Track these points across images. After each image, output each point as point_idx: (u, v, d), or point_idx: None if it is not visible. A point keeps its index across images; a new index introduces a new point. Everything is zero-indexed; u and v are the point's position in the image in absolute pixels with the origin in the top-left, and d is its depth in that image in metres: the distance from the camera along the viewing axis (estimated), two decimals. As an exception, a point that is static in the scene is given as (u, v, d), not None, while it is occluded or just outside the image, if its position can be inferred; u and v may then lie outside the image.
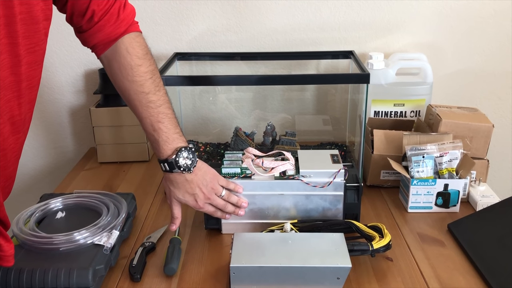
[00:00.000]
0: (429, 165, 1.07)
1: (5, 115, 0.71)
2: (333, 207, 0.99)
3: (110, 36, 0.88)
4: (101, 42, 0.89)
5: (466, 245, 0.94)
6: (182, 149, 0.90)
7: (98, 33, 0.87)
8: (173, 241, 0.96)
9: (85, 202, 1.03)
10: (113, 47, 0.89)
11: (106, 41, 0.88)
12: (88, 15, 0.85)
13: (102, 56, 0.90)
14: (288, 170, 0.98)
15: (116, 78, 0.90)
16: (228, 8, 1.41)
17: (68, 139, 1.57)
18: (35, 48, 0.73)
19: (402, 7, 1.41)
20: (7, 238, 0.76)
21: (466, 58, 1.47)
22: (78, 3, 0.83)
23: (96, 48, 0.90)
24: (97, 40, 0.88)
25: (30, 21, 0.70)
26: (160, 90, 0.92)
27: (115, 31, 0.88)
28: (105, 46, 0.89)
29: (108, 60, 0.90)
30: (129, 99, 0.91)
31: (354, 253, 0.88)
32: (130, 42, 0.89)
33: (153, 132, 0.90)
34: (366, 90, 1.10)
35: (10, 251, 0.76)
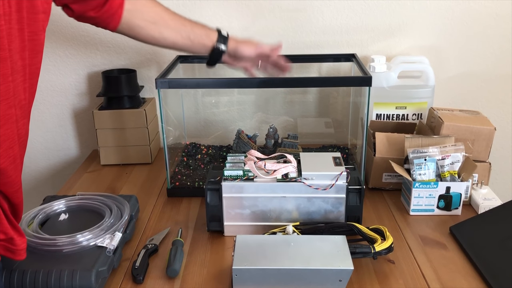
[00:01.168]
0: (431, 168, 1.07)
1: (16, 98, 0.74)
2: (335, 209, 0.99)
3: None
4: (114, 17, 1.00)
5: (468, 248, 0.94)
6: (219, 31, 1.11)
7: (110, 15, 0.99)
8: (176, 243, 0.96)
9: (88, 204, 1.04)
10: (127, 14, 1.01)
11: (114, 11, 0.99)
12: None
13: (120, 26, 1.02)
14: (290, 173, 0.98)
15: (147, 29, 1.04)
16: (231, 12, 1.42)
17: (71, 141, 1.57)
18: (34, 37, 0.76)
19: (404, 10, 1.42)
20: (20, 232, 0.77)
21: (468, 61, 1.47)
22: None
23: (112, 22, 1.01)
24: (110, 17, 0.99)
25: (32, 10, 0.75)
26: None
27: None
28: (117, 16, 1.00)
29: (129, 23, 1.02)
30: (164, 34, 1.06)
31: (356, 256, 0.88)
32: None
33: (196, 38, 1.08)
34: (368, 93, 1.11)
35: (23, 245, 0.77)
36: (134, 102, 1.40)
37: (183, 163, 1.32)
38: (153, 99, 1.47)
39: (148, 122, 1.38)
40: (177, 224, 1.07)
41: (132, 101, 1.40)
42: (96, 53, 1.47)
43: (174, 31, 1.05)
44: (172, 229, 1.05)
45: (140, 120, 1.37)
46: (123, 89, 1.38)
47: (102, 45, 1.46)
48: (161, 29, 1.04)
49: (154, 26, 1.04)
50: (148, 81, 1.49)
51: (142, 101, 1.43)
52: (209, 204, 1.00)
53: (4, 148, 0.72)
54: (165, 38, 1.06)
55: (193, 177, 1.24)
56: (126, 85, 1.38)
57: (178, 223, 1.08)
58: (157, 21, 1.04)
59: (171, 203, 1.18)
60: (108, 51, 1.46)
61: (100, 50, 1.46)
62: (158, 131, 1.50)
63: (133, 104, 1.39)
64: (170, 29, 1.05)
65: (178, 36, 1.06)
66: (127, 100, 1.39)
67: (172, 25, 1.05)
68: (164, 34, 1.05)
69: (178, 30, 1.06)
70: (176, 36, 1.06)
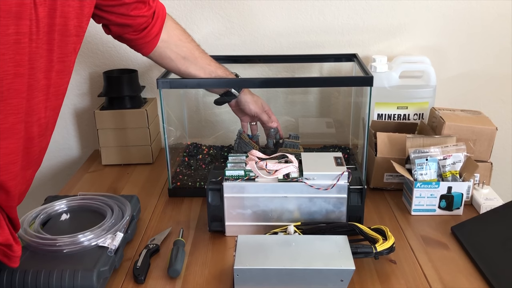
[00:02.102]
0: (433, 168, 1.07)
1: (35, 115, 0.76)
2: (336, 209, 0.99)
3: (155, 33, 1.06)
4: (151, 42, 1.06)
5: (469, 248, 0.94)
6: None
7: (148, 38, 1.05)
8: (177, 243, 0.96)
9: (90, 204, 1.04)
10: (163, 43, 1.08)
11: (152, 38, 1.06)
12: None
13: (152, 53, 1.08)
14: (291, 173, 0.98)
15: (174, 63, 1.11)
16: (232, 12, 1.42)
17: (72, 141, 1.57)
18: (64, 59, 0.79)
19: (406, 10, 1.42)
20: (17, 240, 0.79)
21: (469, 61, 1.47)
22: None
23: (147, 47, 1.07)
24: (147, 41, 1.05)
25: (65, 33, 0.77)
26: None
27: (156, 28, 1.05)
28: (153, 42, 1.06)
29: (160, 53, 1.09)
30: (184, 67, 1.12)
31: (358, 256, 0.88)
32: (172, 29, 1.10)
33: (220, 76, 1.15)
34: (369, 93, 1.11)
35: (18, 252, 0.79)
36: (135, 102, 1.40)
37: (184, 163, 1.32)
38: (155, 99, 1.47)
39: (149, 122, 1.38)
40: (179, 224, 1.07)
41: (133, 101, 1.40)
42: (97, 53, 1.47)
43: (200, 68, 1.12)
44: (174, 229, 1.05)
45: (141, 120, 1.37)
46: (125, 89, 1.38)
47: (103, 45, 1.46)
48: (189, 65, 1.11)
49: (183, 61, 1.10)
50: (150, 81, 1.50)
51: (144, 101, 1.44)
52: (211, 204, 1.00)
53: (5, 162, 0.71)
54: (189, 73, 1.12)
55: (194, 177, 1.24)
56: (128, 85, 1.38)
57: (179, 223, 1.08)
58: (187, 57, 1.11)
59: (173, 203, 1.18)
60: (109, 51, 1.47)
61: (101, 50, 1.46)
62: (160, 131, 1.50)
63: (135, 104, 1.39)
64: (197, 66, 1.12)
65: (201, 73, 1.12)
66: (129, 100, 1.39)
67: (200, 63, 1.12)
68: (190, 70, 1.12)
69: (203, 68, 1.12)
70: (200, 73, 1.12)
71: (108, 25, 1.00)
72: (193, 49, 1.12)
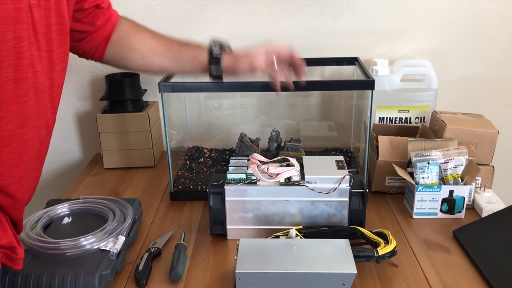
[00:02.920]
0: (434, 171, 1.07)
1: (43, 118, 0.76)
2: (338, 213, 0.99)
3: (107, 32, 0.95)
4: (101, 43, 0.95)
5: (471, 252, 0.94)
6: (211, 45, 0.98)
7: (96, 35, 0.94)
8: (179, 246, 0.96)
9: (91, 207, 1.04)
10: (115, 42, 0.96)
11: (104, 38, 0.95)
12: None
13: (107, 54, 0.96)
14: (293, 176, 0.98)
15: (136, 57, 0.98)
16: (234, 16, 1.42)
17: (74, 145, 1.58)
18: (64, 57, 0.80)
19: (407, 13, 1.42)
20: (20, 243, 0.79)
21: (471, 64, 1.47)
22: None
23: (98, 51, 0.96)
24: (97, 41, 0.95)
25: (63, 32, 0.77)
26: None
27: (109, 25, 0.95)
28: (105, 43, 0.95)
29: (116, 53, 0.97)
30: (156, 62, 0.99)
31: (359, 259, 0.88)
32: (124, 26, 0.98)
33: (185, 60, 0.98)
34: (371, 96, 1.11)
35: (22, 254, 0.79)
36: (137, 106, 1.40)
37: (186, 166, 1.32)
38: (156, 103, 1.47)
39: (151, 126, 1.39)
40: (180, 228, 1.07)
41: (135, 105, 1.40)
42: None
43: (160, 56, 0.97)
44: (175, 232, 1.05)
45: (143, 123, 1.37)
46: (126, 92, 1.38)
47: (105, 49, 1.46)
48: (145, 55, 0.97)
49: (136, 53, 0.97)
50: (151, 85, 1.50)
51: (145, 104, 1.44)
52: (212, 207, 1.00)
53: (7, 167, 0.71)
54: (151, 64, 0.98)
55: (196, 181, 1.24)
56: (129, 89, 1.39)
57: (181, 226, 1.08)
58: (139, 47, 0.97)
59: (174, 206, 1.18)
60: (111, 55, 1.47)
61: (104, 54, 1.47)
62: (161, 134, 1.50)
63: (136, 107, 1.40)
64: (155, 54, 0.97)
65: (165, 61, 0.98)
66: (130, 103, 1.39)
67: (157, 49, 0.97)
68: (149, 60, 0.97)
69: (163, 55, 0.97)
70: (163, 62, 0.98)
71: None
72: (145, 39, 0.97)
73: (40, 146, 0.77)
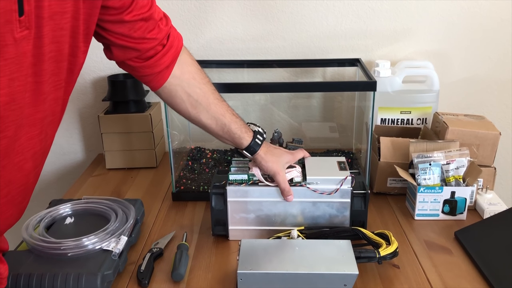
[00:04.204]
0: (436, 173, 1.07)
1: (28, 152, 0.70)
2: (340, 214, 0.99)
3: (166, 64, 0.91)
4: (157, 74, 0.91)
5: (473, 253, 0.94)
6: (256, 132, 1.00)
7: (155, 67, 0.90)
8: (181, 247, 0.96)
9: (94, 208, 1.04)
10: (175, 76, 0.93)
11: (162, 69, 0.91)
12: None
13: (161, 89, 0.93)
14: (295, 178, 0.99)
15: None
16: (236, 17, 1.43)
17: (77, 145, 1.58)
18: (62, 84, 0.73)
19: (409, 15, 1.42)
20: (2, 261, 0.75)
21: (472, 66, 1.47)
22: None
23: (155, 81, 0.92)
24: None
25: (59, 58, 0.70)
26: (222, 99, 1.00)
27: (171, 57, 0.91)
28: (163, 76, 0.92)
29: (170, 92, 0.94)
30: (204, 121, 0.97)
31: (361, 260, 0.88)
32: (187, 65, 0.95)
33: (229, 133, 0.98)
34: (372, 98, 1.11)
35: (5, 273, 0.75)
36: (139, 107, 1.41)
37: (188, 167, 1.33)
38: (159, 104, 1.48)
39: (153, 126, 1.39)
40: (182, 228, 1.07)
41: (137, 106, 1.40)
42: (102, 57, 1.47)
43: (212, 118, 0.96)
44: (177, 233, 1.05)
45: (145, 124, 1.38)
46: (129, 93, 1.38)
47: (108, 50, 1.46)
48: (201, 110, 0.95)
49: (195, 104, 0.95)
50: (154, 86, 1.50)
51: (148, 105, 1.44)
52: (214, 208, 1.00)
53: None
54: (199, 121, 0.97)
55: (198, 181, 1.25)
56: (132, 90, 1.39)
57: (183, 227, 1.08)
58: (200, 100, 0.95)
59: (176, 207, 1.18)
60: (114, 55, 1.47)
61: (106, 55, 1.47)
62: (163, 135, 1.50)
63: (139, 108, 1.40)
64: (209, 114, 0.96)
65: (213, 123, 0.97)
66: (133, 104, 1.40)
67: (212, 110, 0.96)
68: (201, 117, 0.96)
69: (215, 118, 0.97)
70: (211, 123, 0.97)
71: (110, 45, 0.86)
72: (208, 93, 0.96)
73: (25, 179, 0.72)
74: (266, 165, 0.98)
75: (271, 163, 0.98)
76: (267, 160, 0.98)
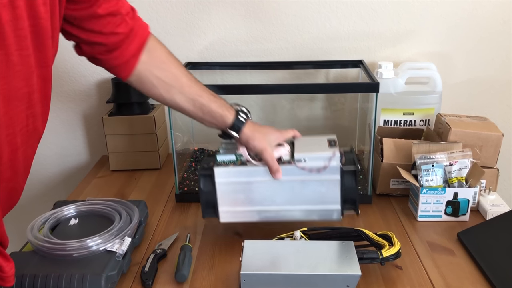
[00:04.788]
0: (439, 174, 1.07)
1: (17, 125, 0.71)
2: (330, 192, 0.96)
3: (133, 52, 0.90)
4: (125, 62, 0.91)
5: (476, 254, 0.94)
6: (238, 110, 0.99)
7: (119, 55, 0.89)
8: (184, 248, 0.97)
9: (98, 209, 1.05)
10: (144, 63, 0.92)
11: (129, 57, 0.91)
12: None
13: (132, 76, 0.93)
14: (283, 156, 0.96)
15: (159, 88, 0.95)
16: (239, 19, 1.43)
17: (80, 147, 1.59)
18: (45, 63, 0.74)
19: (411, 16, 1.42)
20: (7, 257, 0.75)
21: (475, 67, 1.47)
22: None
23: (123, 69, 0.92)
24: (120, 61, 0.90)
25: (42, 35, 0.71)
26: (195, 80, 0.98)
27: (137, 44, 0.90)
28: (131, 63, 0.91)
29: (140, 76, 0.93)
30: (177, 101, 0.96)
31: (364, 261, 0.88)
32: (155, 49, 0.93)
33: (210, 114, 0.97)
34: (375, 99, 1.11)
35: (11, 271, 0.74)
36: (143, 108, 1.41)
37: (191, 168, 1.33)
38: (162, 106, 1.48)
39: (157, 128, 1.40)
40: (186, 229, 1.08)
41: (141, 107, 1.41)
42: (106, 60, 1.48)
43: (188, 99, 0.95)
44: (181, 234, 1.06)
45: (149, 126, 1.38)
46: (132, 95, 1.39)
47: (111, 52, 1.47)
48: (174, 93, 0.95)
49: (167, 87, 0.94)
50: (157, 88, 1.51)
51: (151, 107, 1.45)
52: (203, 190, 0.98)
53: None
54: (175, 103, 0.96)
55: (201, 183, 1.25)
56: (135, 92, 1.36)
57: (186, 228, 1.09)
58: (172, 83, 0.94)
59: (180, 208, 1.19)
60: (118, 58, 1.48)
61: (110, 57, 1.48)
62: (167, 137, 1.51)
63: (142, 110, 1.41)
64: (184, 96, 0.95)
65: (190, 105, 0.96)
66: (136, 106, 1.40)
67: (187, 92, 0.95)
68: (176, 100, 0.95)
69: (192, 100, 0.95)
70: (188, 105, 0.96)
71: (79, 43, 0.87)
72: (179, 75, 0.95)
73: (13, 155, 0.72)
74: (253, 144, 0.96)
75: (258, 140, 0.96)
76: (254, 138, 0.96)
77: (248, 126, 0.97)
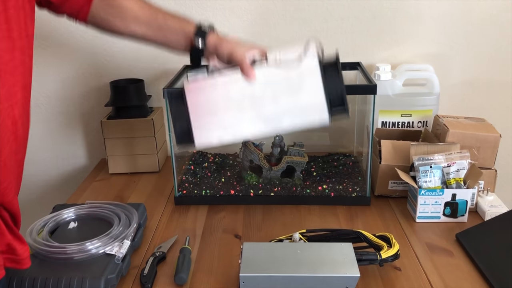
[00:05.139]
0: (437, 175, 1.08)
1: (13, 98, 0.73)
2: (313, 93, 0.87)
3: None
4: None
5: (474, 255, 0.95)
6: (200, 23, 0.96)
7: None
8: (183, 250, 0.97)
9: (97, 212, 1.05)
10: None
11: None
12: None
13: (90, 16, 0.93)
14: (255, 56, 0.90)
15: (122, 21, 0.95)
16: (237, 22, 1.44)
17: (79, 150, 1.59)
18: (23, 34, 0.74)
19: (409, 18, 1.43)
20: (21, 239, 0.76)
21: (472, 68, 1.48)
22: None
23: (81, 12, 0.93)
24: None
25: (19, 5, 0.72)
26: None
27: None
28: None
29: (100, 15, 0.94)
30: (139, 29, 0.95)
31: (363, 263, 0.88)
32: None
33: (170, 31, 0.95)
34: (373, 101, 1.11)
35: (26, 253, 0.76)
36: (142, 112, 1.41)
37: (190, 171, 1.33)
38: (161, 108, 1.49)
39: (155, 131, 1.40)
40: (185, 232, 1.08)
41: (140, 111, 1.41)
42: (104, 63, 1.49)
43: (144, 24, 0.94)
44: (180, 237, 1.06)
45: (148, 129, 1.39)
46: (131, 98, 1.39)
47: (109, 55, 1.48)
48: (129, 24, 0.94)
49: (122, 21, 0.94)
50: (156, 91, 1.51)
51: (150, 110, 1.45)
52: (173, 112, 0.90)
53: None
54: (135, 33, 0.95)
55: (200, 185, 1.25)
56: (134, 95, 1.40)
57: (185, 231, 1.09)
58: (125, 16, 0.93)
59: (179, 211, 1.19)
60: (116, 61, 1.48)
61: (108, 60, 1.48)
62: (166, 140, 1.51)
63: (141, 113, 1.41)
64: (139, 23, 0.94)
65: (149, 31, 0.94)
66: (135, 109, 1.41)
67: (141, 18, 0.94)
68: (133, 29, 0.94)
69: (148, 23, 0.94)
70: (147, 30, 0.94)
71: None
72: (132, 6, 0.94)
73: (14, 127, 0.74)
74: (221, 49, 0.92)
75: (226, 44, 0.92)
76: (221, 43, 0.92)
77: (213, 35, 0.94)
